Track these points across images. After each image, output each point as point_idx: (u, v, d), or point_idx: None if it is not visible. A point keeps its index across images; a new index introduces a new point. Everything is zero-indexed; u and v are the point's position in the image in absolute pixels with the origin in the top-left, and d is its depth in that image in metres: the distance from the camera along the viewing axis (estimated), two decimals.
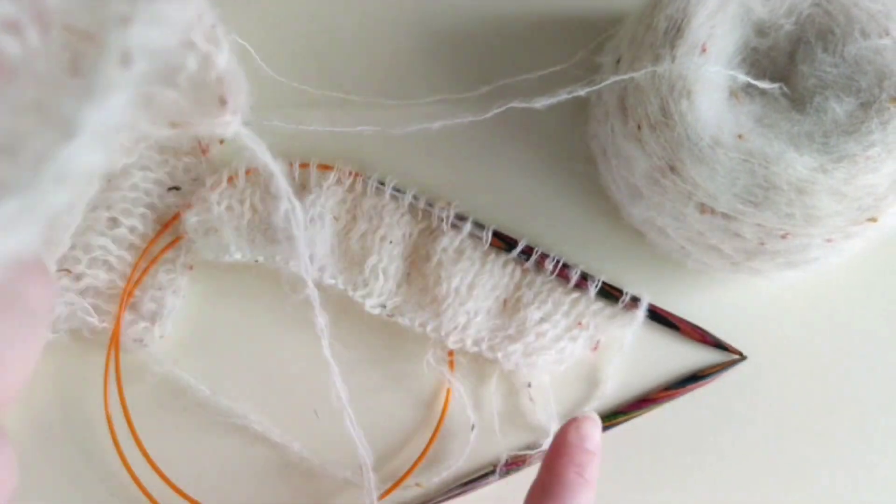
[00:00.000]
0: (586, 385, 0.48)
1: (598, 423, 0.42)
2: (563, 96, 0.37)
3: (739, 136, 0.40)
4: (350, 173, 0.48)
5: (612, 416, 0.47)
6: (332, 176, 0.48)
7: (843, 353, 0.48)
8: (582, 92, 0.38)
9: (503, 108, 0.37)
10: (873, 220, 0.41)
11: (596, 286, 0.47)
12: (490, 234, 0.47)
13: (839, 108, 0.40)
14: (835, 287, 0.48)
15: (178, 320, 0.49)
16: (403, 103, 0.50)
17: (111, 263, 0.48)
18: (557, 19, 0.50)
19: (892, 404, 0.47)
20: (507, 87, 0.48)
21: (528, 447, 0.47)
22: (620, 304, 0.47)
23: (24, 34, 0.21)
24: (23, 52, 0.21)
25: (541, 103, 0.37)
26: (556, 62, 0.48)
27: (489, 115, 0.37)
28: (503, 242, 0.48)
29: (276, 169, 0.30)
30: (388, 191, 0.48)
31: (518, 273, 0.48)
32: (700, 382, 0.47)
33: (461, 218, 0.48)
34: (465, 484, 0.47)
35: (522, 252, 0.47)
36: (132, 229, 0.49)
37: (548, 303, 0.47)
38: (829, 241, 0.42)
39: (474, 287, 0.47)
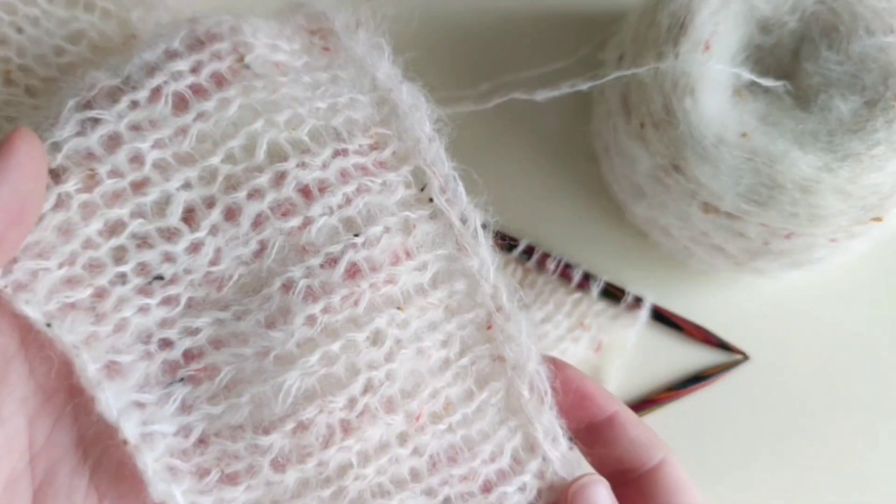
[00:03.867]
0: None
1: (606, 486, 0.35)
2: (564, 89, 0.37)
3: (743, 135, 0.39)
4: None
5: None
6: None
7: (846, 353, 0.48)
8: (584, 86, 0.37)
9: (505, 99, 0.37)
10: (878, 219, 0.41)
11: (598, 286, 0.47)
12: (490, 234, 0.47)
13: (844, 107, 0.40)
14: (839, 287, 0.48)
15: None
16: None
17: None
18: (560, 16, 0.50)
19: (895, 404, 0.47)
20: (509, 85, 0.47)
21: None
22: (623, 305, 0.47)
23: None
24: None
25: (543, 95, 0.37)
26: (559, 59, 0.48)
27: (490, 104, 0.37)
28: (504, 242, 0.47)
29: None
30: None
31: (519, 273, 0.48)
32: (703, 383, 0.47)
33: None
34: None
35: (524, 252, 0.47)
36: None
37: (549, 303, 0.47)
38: (833, 240, 0.42)
39: None
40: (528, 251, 0.47)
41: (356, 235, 0.29)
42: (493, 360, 0.31)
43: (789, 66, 0.42)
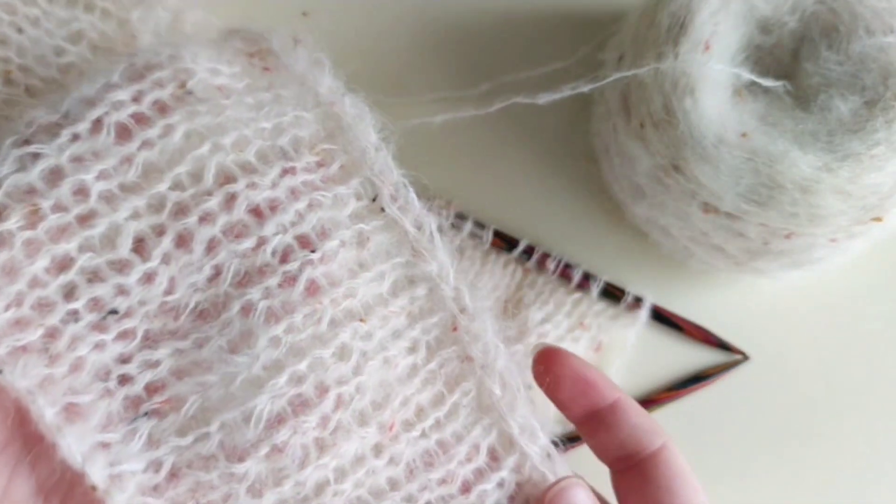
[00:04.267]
0: None
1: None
2: (566, 92, 0.37)
3: (743, 135, 0.39)
4: None
5: None
6: None
7: (846, 353, 0.47)
8: (585, 88, 0.37)
9: (507, 104, 0.37)
10: (878, 219, 0.41)
11: (598, 286, 0.47)
12: (491, 234, 0.47)
13: (844, 107, 0.39)
14: (839, 287, 0.48)
15: None
16: (403, 101, 0.49)
17: None
18: (560, 16, 0.50)
19: (895, 404, 0.47)
20: (508, 85, 0.47)
21: None
22: (623, 305, 0.47)
23: None
24: None
25: (544, 99, 0.37)
26: (559, 59, 0.48)
27: (492, 109, 0.37)
28: (504, 242, 0.47)
29: None
30: None
31: (519, 273, 0.48)
32: (703, 383, 0.47)
33: (461, 217, 0.47)
34: None
35: (524, 252, 0.47)
36: None
37: (549, 303, 0.47)
38: (833, 240, 0.42)
39: None
40: (528, 251, 0.47)
41: (312, 252, 0.29)
42: (461, 362, 0.31)
43: (789, 66, 0.42)
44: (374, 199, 0.31)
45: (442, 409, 0.31)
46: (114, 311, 0.28)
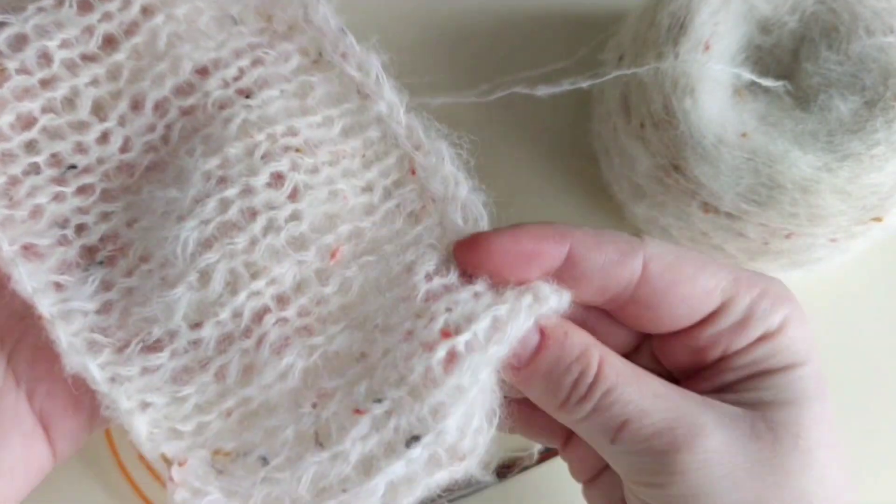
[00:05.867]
0: None
1: None
2: (565, 86, 0.37)
3: (743, 135, 0.39)
4: None
5: None
6: None
7: (846, 353, 0.47)
8: (584, 83, 0.38)
9: (507, 93, 0.38)
10: (878, 219, 0.41)
11: None
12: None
13: (844, 107, 0.40)
14: (839, 287, 0.48)
15: None
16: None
17: None
18: (560, 17, 0.50)
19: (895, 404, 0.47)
20: (508, 85, 0.47)
21: (527, 449, 0.46)
22: None
23: None
24: None
25: (544, 91, 0.37)
26: (559, 60, 0.48)
27: (492, 98, 0.38)
28: None
29: None
30: None
31: None
32: None
33: None
34: (465, 487, 0.46)
35: None
36: None
37: None
38: (833, 240, 0.42)
39: None
40: None
41: (248, 97, 0.31)
42: (421, 198, 0.31)
43: (789, 67, 0.42)
44: (320, 54, 0.32)
45: (404, 238, 0.31)
46: (72, 167, 0.30)
